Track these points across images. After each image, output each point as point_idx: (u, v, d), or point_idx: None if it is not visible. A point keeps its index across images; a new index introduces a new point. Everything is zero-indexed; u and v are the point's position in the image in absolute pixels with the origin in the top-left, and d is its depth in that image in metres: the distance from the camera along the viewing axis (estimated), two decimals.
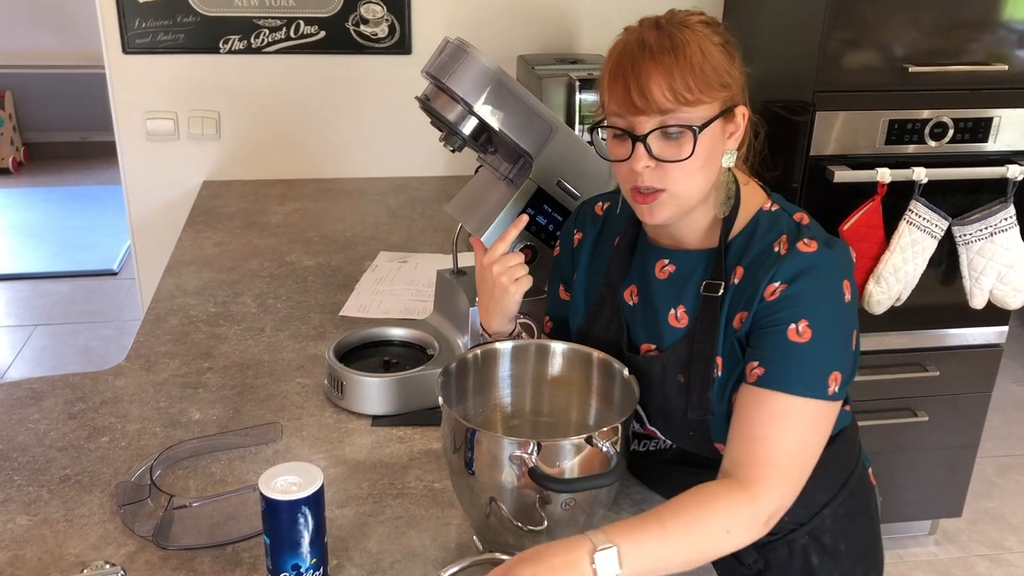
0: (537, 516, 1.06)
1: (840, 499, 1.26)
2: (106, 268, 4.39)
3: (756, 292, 1.09)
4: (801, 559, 1.26)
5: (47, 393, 1.51)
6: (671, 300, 1.19)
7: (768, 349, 1.08)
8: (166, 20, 2.45)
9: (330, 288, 1.93)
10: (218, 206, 2.43)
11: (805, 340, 1.06)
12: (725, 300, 1.13)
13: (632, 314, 1.24)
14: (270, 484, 1.03)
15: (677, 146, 1.08)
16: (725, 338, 1.13)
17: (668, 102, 1.05)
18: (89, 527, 1.19)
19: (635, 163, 1.08)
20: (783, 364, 1.06)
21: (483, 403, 1.25)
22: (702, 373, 1.13)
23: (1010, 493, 2.91)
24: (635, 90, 1.05)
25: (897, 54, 2.06)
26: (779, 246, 1.11)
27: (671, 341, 1.18)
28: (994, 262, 2.16)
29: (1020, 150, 2.17)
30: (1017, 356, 3.70)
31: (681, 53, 1.05)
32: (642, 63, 1.05)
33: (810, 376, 1.06)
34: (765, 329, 1.08)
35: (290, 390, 1.53)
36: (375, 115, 2.65)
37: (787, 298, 1.07)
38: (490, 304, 1.32)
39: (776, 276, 1.08)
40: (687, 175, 1.09)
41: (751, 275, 1.11)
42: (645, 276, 1.22)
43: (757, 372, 1.07)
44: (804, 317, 1.06)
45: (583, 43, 2.65)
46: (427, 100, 1.40)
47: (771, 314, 1.08)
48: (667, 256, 1.21)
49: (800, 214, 1.16)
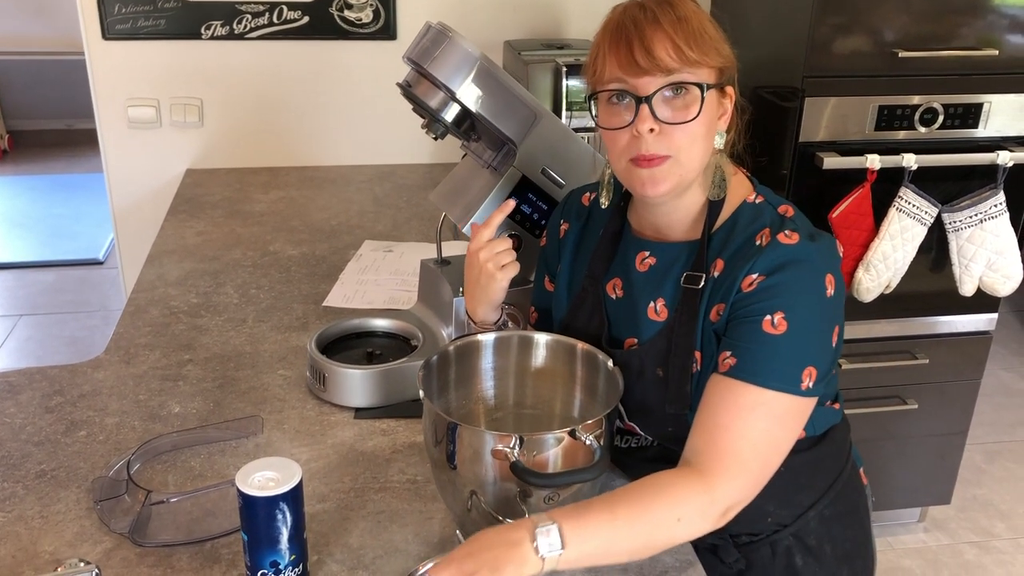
0: (518, 510, 1.05)
1: (826, 500, 1.23)
2: (92, 257, 4.36)
3: (734, 284, 1.08)
4: (784, 560, 1.23)
5: (24, 386, 1.48)
6: (651, 293, 1.17)
7: (742, 340, 1.05)
8: (147, 5, 2.41)
9: (314, 278, 1.90)
10: (201, 195, 2.40)
11: (780, 332, 1.04)
12: (705, 292, 1.11)
13: (616, 308, 1.22)
14: (247, 480, 1.01)
15: (683, 107, 1.07)
16: (703, 331, 1.11)
17: (673, 61, 1.04)
18: (64, 524, 1.17)
19: (640, 124, 1.06)
20: (756, 355, 1.04)
21: (465, 395, 1.23)
22: (680, 366, 1.12)
23: (999, 480, 2.91)
24: (639, 50, 1.04)
25: (887, 39, 2.04)
26: (761, 239, 1.09)
27: (650, 334, 1.16)
28: (984, 249, 2.15)
29: (1010, 136, 2.16)
30: (1006, 343, 3.71)
31: (683, 17, 1.06)
32: (644, 25, 1.05)
33: (783, 369, 1.03)
34: (740, 320, 1.06)
35: (272, 382, 1.51)
36: (360, 102, 2.62)
37: (764, 289, 1.05)
38: (476, 291, 1.29)
39: (754, 268, 1.06)
40: (691, 140, 1.07)
41: (730, 267, 1.09)
42: (627, 269, 1.21)
43: (729, 362, 1.05)
44: (780, 309, 1.04)
45: (570, 28, 2.62)
46: (408, 86, 1.38)
47: (747, 305, 1.06)
48: (648, 248, 1.19)
49: (785, 206, 1.14)
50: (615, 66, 1.07)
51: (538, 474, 1.00)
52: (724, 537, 1.22)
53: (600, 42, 1.10)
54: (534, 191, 1.44)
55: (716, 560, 1.24)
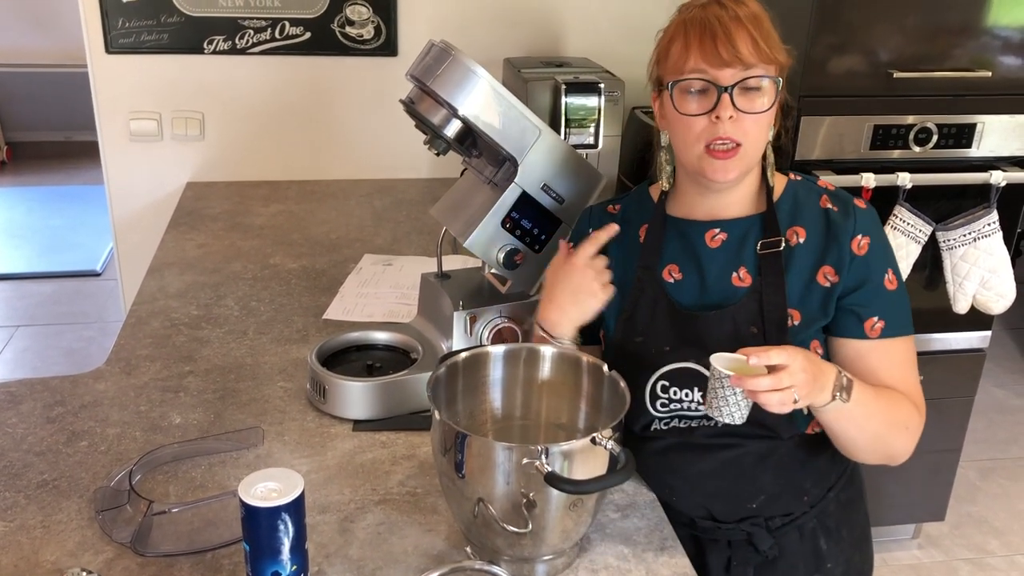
0: (524, 517, 1.06)
1: (842, 483, 1.34)
2: (89, 269, 4.36)
3: (842, 248, 1.21)
4: (811, 543, 1.32)
5: (25, 396, 1.49)
6: (731, 263, 1.26)
7: (878, 302, 1.22)
8: (150, 20, 2.44)
9: (314, 291, 1.92)
10: (202, 207, 2.41)
11: (895, 287, 1.23)
12: (793, 256, 1.23)
13: (677, 288, 1.28)
14: (250, 490, 1.02)
15: (757, 98, 1.17)
16: (807, 292, 1.22)
17: (752, 57, 1.15)
18: (66, 533, 1.18)
19: (722, 111, 1.15)
20: (894, 313, 1.22)
21: (472, 406, 1.24)
22: (776, 322, 1.21)
23: (993, 497, 2.93)
24: (723, 44, 1.14)
25: (882, 59, 2.06)
26: (827, 204, 1.24)
27: (737, 298, 1.24)
28: (977, 267, 2.17)
29: (1003, 156, 2.18)
30: (1000, 360, 3.72)
31: (759, 17, 1.17)
32: (728, 22, 1.15)
33: (908, 316, 1.25)
34: (866, 283, 1.21)
35: (272, 394, 1.52)
36: (360, 117, 2.64)
37: (874, 250, 1.22)
38: (570, 306, 1.29)
39: (856, 230, 1.21)
40: (760, 130, 1.18)
41: (821, 232, 1.23)
42: (691, 250, 1.28)
43: (879, 326, 1.22)
44: (889, 266, 1.23)
45: (569, 46, 2.64)
46: (411, 103, 1.39)
47: (867, 267, 1.22)
48: (716, 226, 1.27)
49: (822, 180, 1.30)
50: (698, 58, 1.16)
51: (574, 482, 1.02)
52: (759, 523, 1.29)
53: (677, 35, 1.19)
54: (534, 206, 1.45)
55: (751, 550, 1.30)
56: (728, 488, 1.28)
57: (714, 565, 1.31)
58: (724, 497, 1.29)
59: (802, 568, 1.32)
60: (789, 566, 1.31)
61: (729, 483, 1.28)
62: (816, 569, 1.33)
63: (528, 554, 1.11)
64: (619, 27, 2.58)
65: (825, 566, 1.33)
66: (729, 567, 1.31)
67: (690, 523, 1.31)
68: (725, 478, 1.28)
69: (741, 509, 1.29)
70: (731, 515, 1.30)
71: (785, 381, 1.05)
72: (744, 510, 1.29)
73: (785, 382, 1.05)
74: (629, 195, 1.39)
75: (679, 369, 1.25)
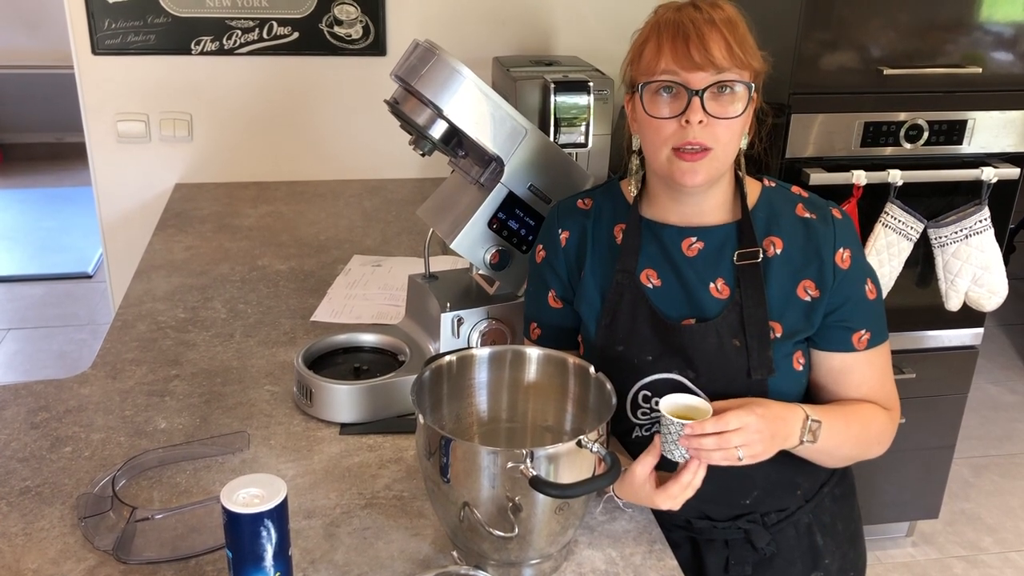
0: (509, 522, 1.05)
1: (835, 479, 1.34)
2: (81, 271, 4.34)
3: (823, 262, 1.20)
4: (807, 540, 1.32)
5: (9, 402, 1.48)
6: (708, 274, 1.23)
7: (862, 314, 1.22)
8: (137, 21, 2.42)
9: (302, 293, 1.90)
10: (190, 209, 2.40)
11: (874, 297, 1.24)
12: (770, 267, 1.21)
13: (657, 294, 1.25)
14: (232, 496, 1.00)
15: (729, 103, 1.15)
16: (787, 304, 1.20)
17: (724, 60, 1.13)
18: (48, 541, 1.17)
19: (691, 114, 1.13)
20: (875, 322, 1.24)
21: (458, 409, 1.23)
22: (758, 335, 1.20)
23: (986, 494, 2.92)
24: (696, 47, 1.12)
25: (873, 56, 2.05)
26: (804, 212, 1.23)
27: (718, 310, 1.22)
28: (969, 264, 2.16)
29: (994, 152, 2.17)
30: (993, 357, 3.72)
31: (734, 22, 1.16)
32: (701, 24, 1.13)
33: (885, 322, 1.26)
34: (848, 296, 1.21)
35: (259, 398, 1.51)
36: (349, 117, 2.63)
37: (856, 262, 1.21)
38: (632, 498, 1.20)
39: (838, 243, 1.20)
40: (731, 136, 1.16)
41: (798, 243, 1.21)
42: (667, 257, 1.24)
43: (866, 338, 1.23)
44: (868, 276, 1.23)
45: (558, 45, 2.63)
46: (396, 103, 1.38)
47: (851, 280, 1.21)
48: (693, 234, 1.24)
49: (795, 187, 1.28)
50: (670, 59, 1.13)
51: (559, 485, 1.01)
52: (755, 519, 1.29)
53: (651, 36, 1.16)
54: (521, 207, 1.44)
55: (749, 548, 1.30)
56: (720, 487, 1.27)
57: (712, 565, 1.31)
58: (717, 496, 1.28)
59: (799, 565, 1.32)
60: (786, 563, 1.31)
61: (720, 482, 1.27)
62: (813, 565, 1.33)
63: (515, 558, 1.10)
64: (608, 25, 2.58)
65: (822, 562, 1.33)
66: (727, 567, 1.30)
67: (686, 524, 1.30)
68: (715, 478, 1.27)
69: (735, 506, 1.29)
70: (726, 513, 1.29)
71: (733, 441, 1.08)
72: (738, 507, 1.29)
73: (733, 442, 1.08)
74: (599, 189, 1.34)
75: (662, 380, 1.23)
